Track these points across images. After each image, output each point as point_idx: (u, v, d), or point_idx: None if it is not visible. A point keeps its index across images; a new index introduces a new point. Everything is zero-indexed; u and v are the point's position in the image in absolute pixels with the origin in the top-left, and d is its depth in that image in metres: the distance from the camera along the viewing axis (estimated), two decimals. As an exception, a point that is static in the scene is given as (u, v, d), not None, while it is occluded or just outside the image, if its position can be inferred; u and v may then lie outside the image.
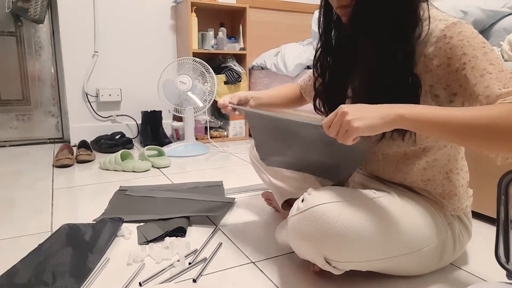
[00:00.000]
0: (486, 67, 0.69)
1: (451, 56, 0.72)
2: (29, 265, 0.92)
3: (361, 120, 0.66)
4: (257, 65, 2.81)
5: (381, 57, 0.77)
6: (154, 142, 2.44)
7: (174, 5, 2.70)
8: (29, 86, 2.55)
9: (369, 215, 0.76)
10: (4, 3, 2.36)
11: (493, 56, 0.70)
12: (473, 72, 0.69)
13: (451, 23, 0.72)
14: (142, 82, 2.69)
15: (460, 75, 0.71)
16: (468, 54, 0.70)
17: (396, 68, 0.76)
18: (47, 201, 1.45)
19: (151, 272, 0.91)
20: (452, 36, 0.72)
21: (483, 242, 1.10)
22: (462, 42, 0.71)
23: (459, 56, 0.71)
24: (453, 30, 0.72)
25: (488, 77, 0.68)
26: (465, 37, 0.71)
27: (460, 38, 0.71)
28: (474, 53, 0.70)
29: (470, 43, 0.70)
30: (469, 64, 0.70)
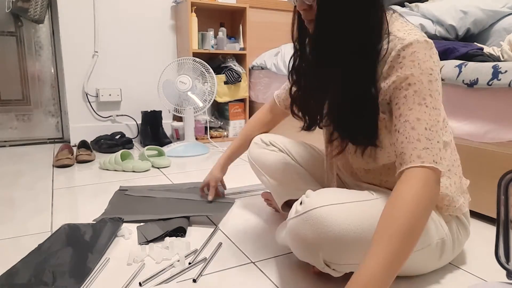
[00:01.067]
0: (425, 97, 0.71)
1: (399, 75, 0.73)
2: (29, 265, 0.92)
3: None
4: (257, 65, 2.81)
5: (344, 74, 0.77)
6: (154, 142, 2.45)
7: (174, 5, 2.70)
8: (29, 86, 2.55)
9: (367, 217, 0.76)
10: (4, 3, 2.36)
11: (435, 88, 0.72)
12: (414, 96, 0.71)
13: (407, 43, 0.73)
14: (142, 82, 2.69)
15: (401, 94, 0.73)
16: (415, 76, 0.72)
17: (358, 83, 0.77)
18: (47, 201, 1.45)
19: (151, 272, 0.91)
20: (405, 56, 0.73)
21: (483, 242, 1.10)
22: (413, 63, 0.72)
23: (407, 76, 0.72)
24: (407, 50, 0.73)
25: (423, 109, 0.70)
26: (416, 58, 0.72)
27: (411, 59, 0.72)
28: (421, 78, 0.72)
29: (420, 66, 0.72)
30: (413, 87, 0.72)
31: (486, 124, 1.20)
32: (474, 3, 1.63)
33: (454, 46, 1.37)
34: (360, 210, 0.77)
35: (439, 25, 1.71)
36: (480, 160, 1.21)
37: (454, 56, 1.35)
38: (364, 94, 0.77)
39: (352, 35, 0.75)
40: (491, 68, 1.16)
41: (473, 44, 1.43)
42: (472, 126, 1.23)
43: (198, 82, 2.37)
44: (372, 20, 0.76)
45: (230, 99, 2.77)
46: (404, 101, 0.72)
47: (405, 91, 0.72)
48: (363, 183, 0.95)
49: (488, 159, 1.20)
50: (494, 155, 1.18)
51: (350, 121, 0.80)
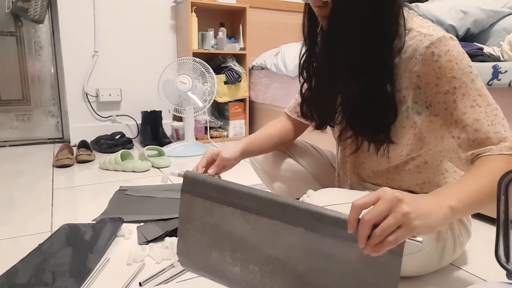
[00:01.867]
0: (475, 98, 0.70)
1: (440, 77, 0.71)
2: (29, 265, 0.92)
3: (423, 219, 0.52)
4: (257, 65, 2.81)
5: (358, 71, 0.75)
6: (154, 142, 2.44)
7: (174, 5, 2.70)
8: (29, 86, 2.55)
9: None
10: (4, 3, 2.36)
11: (480, 85, 0.71)
12: (464, 100, 0.70)
13: (436, 39, 0.70)
14: (142, 82, 2.69)
15: (448, 99, 0.71)
16: (457, 78, 0.70)
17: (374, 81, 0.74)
18: (47, 201, 1.44)
19: (151, 272, 0.91)
20: (440, 54, 0.70)
21: (483, 242, 1.10)
22: (451, 63, 0.70)
23: (449, 79, 0.70)
24: (439, 48, 0.70)
25: (478, 110, 0.69)
26: (453, 57, 0.70)
27: (448, 59, 0.70)
28: (464, 79, 0.70)
29: (459, 66, 0.70)
30: (459, 90, 0.70)
31: (486, 124, 1.20)
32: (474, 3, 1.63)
33: (454, 46, 1.37)
34: None
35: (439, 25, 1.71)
36: (480, 160, 1.21)
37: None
38: (379, 91, 0.75)
39: (367, 31, 0.72)
40: (491, 68, 1.15)
41: (473, 44, 1.43)
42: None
43: (198, 82, 2.37)
44: (388, 16, 0.73)
45: (230, 99, 2.77)
46: (454, 106, 0.70)
47: (453, 95, 0.70)
48: (367, 183, 0.95)
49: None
50: (494, 155, 1.18)
51: (364, 117, 0.78)
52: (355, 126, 0.82)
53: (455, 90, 0.70)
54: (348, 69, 0.76)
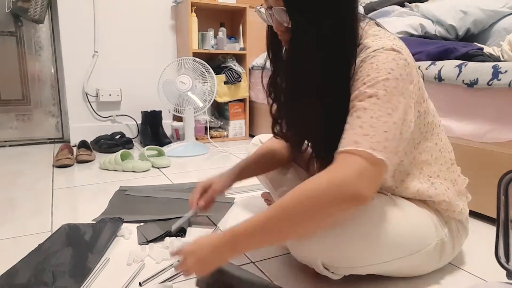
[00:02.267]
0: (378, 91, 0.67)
1: (358, 78, 0.70)
2: (29, 265, 0.92)
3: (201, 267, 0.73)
4: (257, 65, 2.81)
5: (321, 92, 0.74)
6: (154, 142, 2.44)
7: (174, 5, 2.71)
8: (29, 86, 2.55)
9: (366, 219, 0.76)
10: (4, 3, 2.36)
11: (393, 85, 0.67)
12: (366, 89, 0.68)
13: (370, 52, 0.70)
14: (142, 82, 2.69)
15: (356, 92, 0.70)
16: (370, 75, 0.69)
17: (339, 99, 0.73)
18: (47, 201, 1.45)
19: (151, 272, 0.91)
20: (365, 61, 0.70)
21: (483, 242, 1.10)
22: (371, 65, 0.69)
23: (363, 77, 0.69)
24: (369, 57, 0.70)
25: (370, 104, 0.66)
26: (376, 61, 0.69)
27: (370, 62, 0.70)
28: (376, 75, 0.68)
29: (378, 67, 0.69)
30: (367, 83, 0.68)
31: (486, 124, 1.20)
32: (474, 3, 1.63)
33: (454, 46, 1.37)
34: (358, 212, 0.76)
35: (439, 25, 1.71)
36: (480, 160, 1.21)
37: (454, 56, 1.35)
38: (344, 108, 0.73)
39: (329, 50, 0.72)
40: (491, 68, 1.16)
41: (473, 44, 1.43)
42: (472, 126, 1.23)
43: (198, 82, 2.37)
44: (349, 32, 0.73)
45: (230, 99, 2.77)
46: (357, 95, 0.69)
47: (361, 87, 0.69)
48: None
49: (488, 159, 1.20)
50: (494, 155, 1.18)
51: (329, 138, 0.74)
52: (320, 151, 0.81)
53: (363, 85, 0.69)
54: (312, 91, 0.75)
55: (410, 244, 0.80)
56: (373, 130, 0.65)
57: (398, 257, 0.79)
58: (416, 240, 0.81)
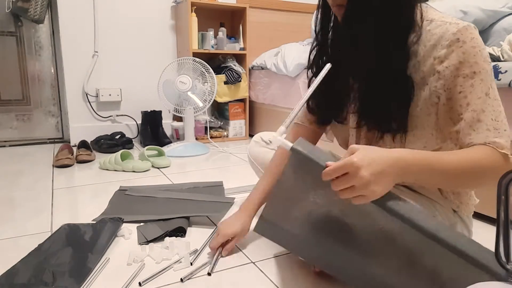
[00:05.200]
0: (489, 87, 0.71)
1: (462, 61, 0.72)
2: (29, 265, 0.92)
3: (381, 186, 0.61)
4: (257, 65, 2.81)
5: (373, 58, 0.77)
6: (154, 142, 2.44)
7: (174, 5, 2.70)
8: (29, 86, 2.55)
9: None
10: (4, 3, 2.36)
11: (493, 78, 0.73)
12: (481, 85, 0.71)
13: (462, 27, 0.72)
14: (142, 82, 2.69)
15: (466, 83, 0.72)
16: (479, 64, 0.71)
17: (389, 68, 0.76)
18: (47, 201, 1.44)
19: (151, 272, 0.91)
20: (466, 41, 0.71)
21: (483, 242, 1.09)
22: (475, 49, 0.71)
23: (471, 64, 0.71)
24: (465, 34, 0.72)
25: (487, 100, 0.71)
26: (477, 45, 0.72)
27: (473, 45, 0.71)
28: (485, 66, 0.71)
29: (482, 54, 0.71)
30: (479, 75, 0.71)
31: (486, 124, 1.20)
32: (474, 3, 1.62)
33: (454, 46, 1.37)
34: None
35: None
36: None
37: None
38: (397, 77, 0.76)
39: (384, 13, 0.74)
40: (491, 68, 1.15)
41: (473, 44, 1.43)
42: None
43: (198, 82, 2.37)
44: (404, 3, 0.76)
45: (230, 99, 2.77)
46: (471, 90, 0.71)
47: (471, 79, 0.71)
48: None
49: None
50: (494, 155, 1.18)
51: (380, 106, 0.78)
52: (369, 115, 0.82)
53: (475, 75, 0.71)
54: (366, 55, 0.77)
55: None
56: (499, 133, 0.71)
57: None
58: None
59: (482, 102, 0.71)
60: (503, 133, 0.70)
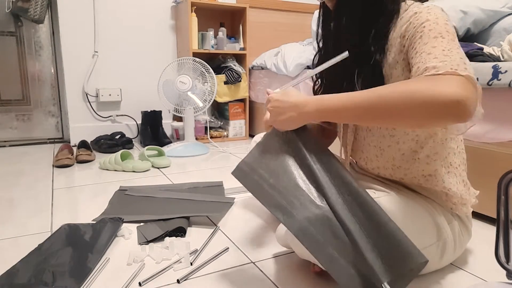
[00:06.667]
0: (441, 32, 0.71)
1: (416, 25, 0.75)
2: (29, 265, 0.92)
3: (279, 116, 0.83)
4: (257, 65, 2.81)
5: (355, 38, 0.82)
6: (154, 142, 2.44)
7: (174, 5, 2.70)
8: (29, 86, 2.55)
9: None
10: (4, 3, 2.36)
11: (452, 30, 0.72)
12: (429, 33, 0.72)
13: (424, 7, 0.77)
14: (142, 82, 2.69)
15: (416, 36, 0.74)
16: (430, 20, 0.73)
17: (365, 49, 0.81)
18: (47, 201, 1.45)
19: (151, 272, 0.91)
20: (422, 11, 0.75)
21: (483, 242, 1.10)
22: (429, 14, 0.74)
23: (423, 22, 0.74)
24: (423, 9, 0.76)
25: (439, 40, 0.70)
26: (433, 12, 0.74)
27: (427, 11, 0.75)
28: (437, 20, 0.73)
29: (436, 15, 0.74)
30: (428, 27, 0.73)
31: (486, 124, 1.20)
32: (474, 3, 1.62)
33: (454, 46, 1.37)
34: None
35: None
36: (480, 160, 1.21)
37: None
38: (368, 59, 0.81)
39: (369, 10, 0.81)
40: (491, 68, 1.15)
41: (473, 44, 1.43)
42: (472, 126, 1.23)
43: (198, 82, 2.37)
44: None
45: (230, 99, 2.77)
46: (419, 40, 0.73)
47: (420, 32, 0.73)
48: (368, 178, 0.95)
49: (488, 159, 1.20)
50: (494, 155, 1.18)
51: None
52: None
53: (424, 28, 0.73)
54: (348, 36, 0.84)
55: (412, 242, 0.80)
56: (449, 58, 0.65)
57: None
58: (419, 238, 0.81)
59: (430, 43, 0.70)
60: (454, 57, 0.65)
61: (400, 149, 0.86)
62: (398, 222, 0.79)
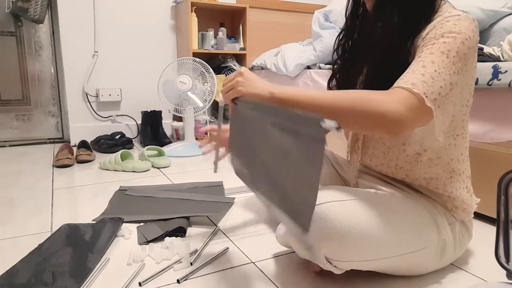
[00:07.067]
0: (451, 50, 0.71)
1: (437, 31, 0.74)
2: (29, 265, 0.92)
3: (245, 87, 0.80)
4: (257, 65, 2.81)
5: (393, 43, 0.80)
6: (154, 142, 2.44)
7: (174, 5, 2.70)
8: (29, 86, 2.55)
9: (370, 214, 0.76)
10: (4, 3, 2.36)
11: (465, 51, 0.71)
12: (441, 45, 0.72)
13: (455, 14, 0.75)
14: (142, 82, 2.69)
15: (430, 42, 0.74)
16: (452, 32, 0.72)
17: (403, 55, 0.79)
18: (47, 201, 1.44)
19: (151, 272, 0.91)
20: (450, 20, 0.74)
21: (483, 242, 1.10)
22: (455, 26, 0.73)
23: (444, 31, 0.73)
24: (453, 18, 0.75)
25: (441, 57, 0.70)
26: (459, 23, 0.73)
27: (454, 23, 0.74)
28: (456, 36, 0.72)
29: (460, 29, 0.72)
30: (445, 38, 0.72)
31: (486, 124, 1.20)
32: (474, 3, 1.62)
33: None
34: (362, 207, 0.77)
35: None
36: (480, 160, 1.21)
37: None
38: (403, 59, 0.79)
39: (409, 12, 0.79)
40: (491, 68, 1.16)
41: (473, 44, 1.43)
42: (472, 126, 1.23)
43: (198, 82, 2.37)
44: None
45: (230, 99, 2.76)
46: (431, 47, 0.73)
47: (435, 40, 0.73)
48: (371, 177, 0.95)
49: (488, 159, 1.20)
50: (494, 155, 1.18)
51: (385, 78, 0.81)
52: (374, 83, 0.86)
53: (441, 37, 0.73)
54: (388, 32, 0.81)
55: (413, 242, 0.80)
56: (432, 81, 0.69)
57: (398, 254, 0.79)
58: (419, 238, 0.81)
59: (434, 56, 0.71)
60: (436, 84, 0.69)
61: (405, 150, 0.87)
62: (398, 220, 0.79)
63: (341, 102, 0.71)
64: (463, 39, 0.72)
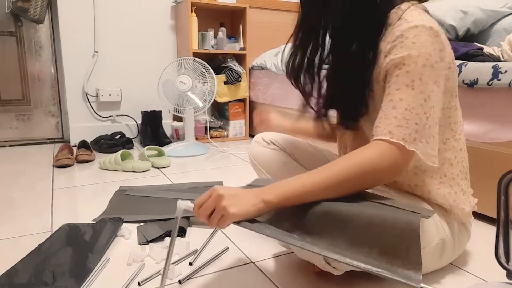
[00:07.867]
0: (415, 80, 0.72)
1: (398, 54, 0.74)
2: (29, 265, 0.92)
3: (237, 206, 0.69)
4: (257, 65, 2.81)
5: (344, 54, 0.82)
6: (154, 142, 2.45)
7: (174, 5, 2.71)
8: (29, 86, 2.55)
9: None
10: (4, 3, 2.36)
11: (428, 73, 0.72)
12: (405, 77, 0.73)
13: (412, 26, 0.74)
14: (142, 82, 2.69)
15: (393, 73, 0.74)
16: (412, 57, 0.72)
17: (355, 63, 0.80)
18: (47, 201, 1.44)
19: (151, 272, 0.91)
20: (408, 37, 0.74)
21: (483, 242, 1.10)
22: (414, 44, 0.73)
23: (404, 56, 0.73)
24: (410, 32, 0.74)
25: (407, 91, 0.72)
26: (418, 41, 0.73)
27: (413, 41, 0.73)
28: (416, 60, 0.72)
29: (419, 49, 0.72)
30: (406, 67, 0.72)
31: (486, 124, 1.20)
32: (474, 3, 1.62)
33: (454, 46, 1.37)
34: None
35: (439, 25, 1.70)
36: (480, 160, 1.21)
37: (454, 56, 1.34)
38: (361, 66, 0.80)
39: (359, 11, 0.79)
40: (491, 68, 1.16)
41: (473, 44, 1.43)
42: (472, 126, 1.23)
43: (198, 82, 2.37)
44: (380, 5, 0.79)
45: (230, 99, 2.77)
46: (395, 80, 0.74)
47: (399, 70, 0.73)
48: None
49: (488, 159, 1.20)
50: (494, 155, 1.18)
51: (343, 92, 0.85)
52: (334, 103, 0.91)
53: (403, 66, 0.73)
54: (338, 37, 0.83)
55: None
56: (406, 122, 0.71)
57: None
58: None
59: (401, 92, 0.72)
60: (411, 125, 0.70)
61: None
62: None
63: (340, 175, 0.71)
64: (424, 60, 0.72)
